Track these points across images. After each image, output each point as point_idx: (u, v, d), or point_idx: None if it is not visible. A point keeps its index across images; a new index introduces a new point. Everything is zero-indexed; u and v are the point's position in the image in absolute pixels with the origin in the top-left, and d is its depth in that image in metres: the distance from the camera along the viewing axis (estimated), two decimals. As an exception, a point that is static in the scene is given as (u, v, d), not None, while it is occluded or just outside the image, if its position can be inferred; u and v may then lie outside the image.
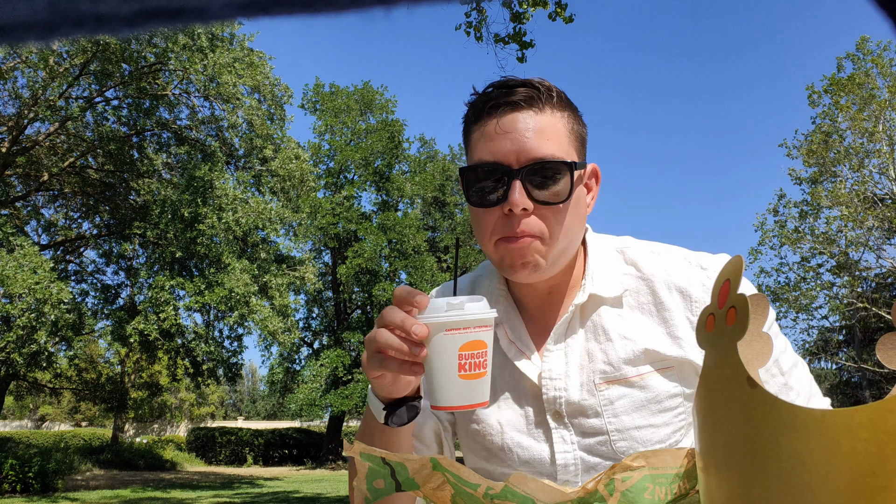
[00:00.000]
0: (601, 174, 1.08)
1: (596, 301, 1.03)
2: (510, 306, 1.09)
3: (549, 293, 1.06)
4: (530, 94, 0.96)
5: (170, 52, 12.94)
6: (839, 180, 18.52)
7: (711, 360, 0.52)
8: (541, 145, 0.94)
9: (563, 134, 0.97)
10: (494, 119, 0.96)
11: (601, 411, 0.98)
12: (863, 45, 18.50)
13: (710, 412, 0.51)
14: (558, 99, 0.99)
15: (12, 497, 12.72)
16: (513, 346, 1.05)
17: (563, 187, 0.95)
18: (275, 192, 15.87)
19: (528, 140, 0.94)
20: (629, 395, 0.98)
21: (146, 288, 14.99)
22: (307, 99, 24.53)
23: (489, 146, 0.96)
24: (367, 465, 0.63)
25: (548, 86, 0.99)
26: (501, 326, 1.06)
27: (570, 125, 0.99)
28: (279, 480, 17.99)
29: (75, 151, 14.92)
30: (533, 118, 0.96)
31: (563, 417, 1.00)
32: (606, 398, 0.98)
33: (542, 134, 0.95)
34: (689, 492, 0.62)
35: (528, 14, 7.14)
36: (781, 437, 0.43)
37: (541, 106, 0.96)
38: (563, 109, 0.99)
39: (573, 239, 1.00)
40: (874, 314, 18.51)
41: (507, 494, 0.61)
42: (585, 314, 1.04)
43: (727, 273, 0.53)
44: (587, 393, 0.99)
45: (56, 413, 37.16)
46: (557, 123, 0.97)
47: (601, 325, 1.02)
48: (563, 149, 0.96)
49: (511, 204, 0.93)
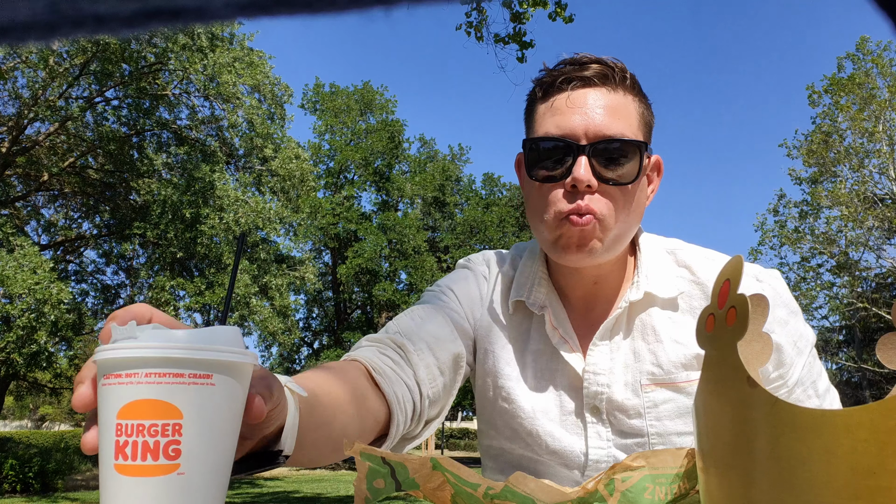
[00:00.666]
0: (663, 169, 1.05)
1: (649, 300, 0.99)
2: (552, 293, 1.04)
3: (595, 283, 1.02)
4: (604, 71, 0.94)
5: (170, 52, 12.94)
6: (839, 180, 18.52)
7: (711, 360, 0.52)
8: (611, 123, 0.91)
9: (633, 116, 0.95)
10: (565, 93, 0.94)
11: (644, 413, 0.95)
12: (863, 45, 18.51)
13: (710, 412, 0.51)
14: (631, 82, 0.96)
15: (12, 497, 12.72)
16: (556, 332, 1.00)
17: (630, 168, 0.92)
18: (275, 191, 15.86)
19: (598, 116, 0.91)
20: (675, 401, 0.95)
21: (146, 288, 15.00)
22: (307, 99, 24.54)
23: (557, 119, 0.93)
24: (367, 465, 0.63)
25: (622, 67, 0.96)
26: (546, 311, 1.01)
27: (640, 109, 0.97)
28: (279, 480, 18.00)
29: (75, 151, 14.92)
30: (605, 96, 0.93)
31: (602, 414, 0.97)
32: (651, 400, 0.95)
33: (613, 112, 0.92)
34: (689, 492, 0.62)
35: (528, 14, 7.14)
36: (781, 437, 0.43)
37: (613, 85, 0.94)
38: (634, 93, 0.96)
39: (631, 226, 0.97)
40: (874, 314, 18.51)
41: (507, 494, 0.61)
42: (635, 312, 1.00)
43: (727, 273, 0.53)
44: (631, 393, 0.96)
45: (56, 413, 37.16)
46: (629, 105, 0.95)
47: (651, 325, 0.99)
48: (632, 130, 0.94)
49: (575, 179, 0.89)
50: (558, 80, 0.94)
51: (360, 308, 24.17)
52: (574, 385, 0.99)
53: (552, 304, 1.02)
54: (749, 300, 0.48)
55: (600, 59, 0.96)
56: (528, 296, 1.03)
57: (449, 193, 24.51)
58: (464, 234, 23.20)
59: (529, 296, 1.03)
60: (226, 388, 0.51)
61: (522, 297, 1.03)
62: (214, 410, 0.50)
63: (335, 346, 22.26)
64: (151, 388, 0.47)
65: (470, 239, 23.04)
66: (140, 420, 0.47)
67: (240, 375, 0.52)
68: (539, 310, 1.01)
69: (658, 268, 1.01)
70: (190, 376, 0.48)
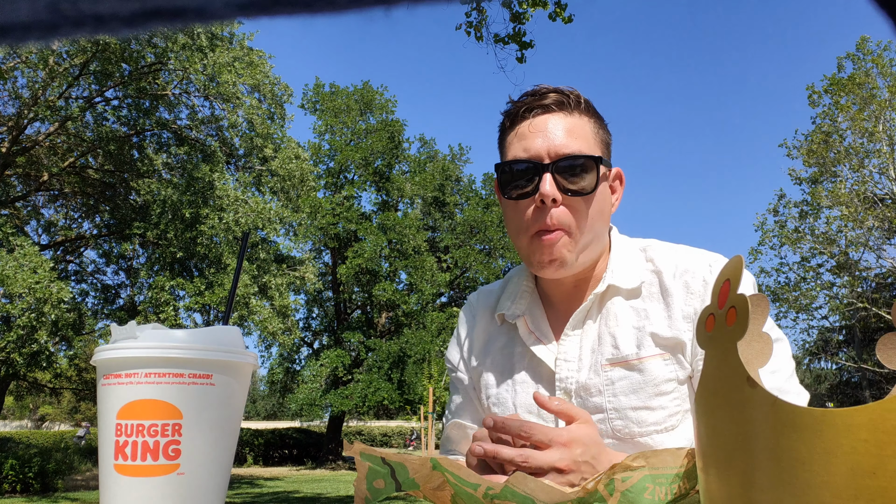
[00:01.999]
0: (625, 178, 1.17)
1: (613, 291, 1.11)
2: (535, 300, 1.17)
3: (574, 286, 1.14)
4: (560, 99, 1.07)
5: (169, 52, 12.93)
6: (839, 180, 18.52)
7: (711, 360, 0.52)
8: (569, 143, 1.03)
9: (589, 135, 1.07)
10: (528, 121, 1.07)
11: (603, 390, 1.05)
12: (863, 45, 18.51)
13: (710, 412, 0.51)
14: (585, 106, 1.09)
15: (12, 497, 12.72)
16: (532, 335, 1.14)
17: (589, 180, 1.03)
18: (275, 191, 15.86)
19: (557, 137, 1.03)
20: (629, 378, 1.04)
21: (146, 288, 14.99)
22: (307, 99, 24.53)
23: (523, 144, 1.05)
24: (367, 466, 0.63)
25: (576, 94, 1.09)
26: (522, 318, 1.15)
27: (595, 129, 1.09)
28: (279, 480, 17.98)
29: (75, 151, 14.92)
30: (562, 120, 1.06)
31: (571, 396, 1.07)
32: (609, 378, 1.05)
33: (571, 133, 1.05)
34: (689, 492, 0.62)
35: (528, 14, 7.14)
36: (781, 437, 0.43)
37: (569, 110, 1.07)
38: (589, 115, 1.09)
39: (598, 234, 1.08)
40: (874, 314, 18.51)
41: (507, 494, 0.61)
42: (602, 302, 1.11)
43: (727, 273, 0.53)
44: (593, 373, 1.07)
45: (56, 413, 37.16)
46: (584, 126, 1.07)
47: (614, 311, 1.10)
48: (589, 147, 1.05)
49: (542, 194, 1.01)
50: (521, 110, 1.07)
51: (360, 308, 24.16)
52: (549, 377, 1.11)
53: (531, 311, 1.16)
54: (749, 300, 0.48)
55: (557, 88, 1.09)
56: (508, 308, 1.18)
57: (449, 193, 24.51)
58: (464, 234, 23.19)
59: (510, 308, 1.17)
60: (226, 388, 0.50)
61: (503, 311, 1.18)
62: (214, 410, 0.49)
63: (335, 346, 22.25)
64: (151, 388, 0.47)
65: (470, 239, 23.03)
66: (140, 420, 0.47)
67: (239, 375, 0.52)
68: (513, 319, 1.15)
69: (625, 263, 1.12)
70: (190, 376, 0.48)
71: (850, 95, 18.12)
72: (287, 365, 23.32)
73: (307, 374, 21.51)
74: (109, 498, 0.48)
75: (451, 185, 24.91)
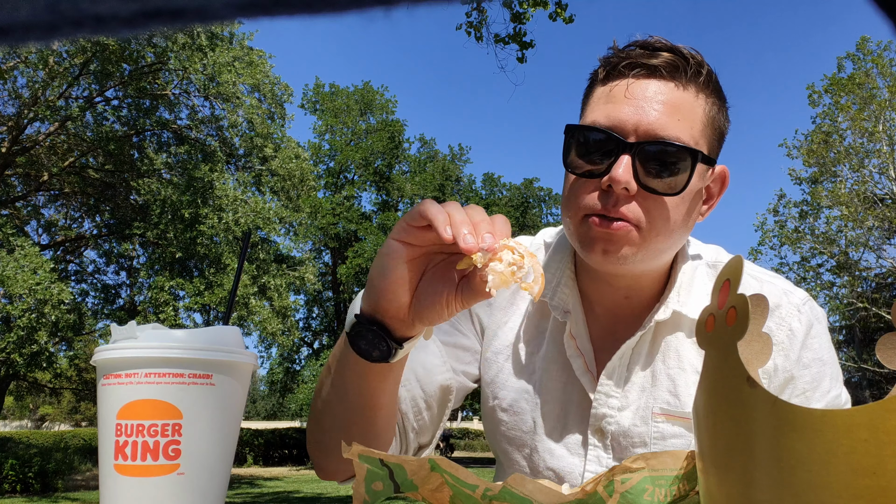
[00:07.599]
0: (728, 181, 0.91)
1: (677, 321, 0.89)
2: (576, 297, 0.92)
3: (626, 297, 0.90)
4: (674, 62, 0.82)
5: (169, 52, 12.94)
6: (839, 180, 18.52)
7: (711, 360, 0.52)
8: (667, 123, 0.79)
9: (698, 119, 0.82)
10: (626, 79, 0.82)
11: (649, 443, 0.87)
12: (863, 45, 18.51)
13: (710, 412, 0.51)
14: (706, 80, 0.83)
15: (12, 497, 12.72)
16: (573, 342, 0.90)
17: (679, 179, 0.80)
18: (275, 191, 15.87)
19: (654, 112, 0.80)
20: (686, 437, 0.86)
21: (146, 288, 15.00)
22: (307, 99, 24.55)
23: (608, 109, 0.82)
24: (366, 468, 0.63)
25: (699, 60, 0.83)
26: (569, 317, 0.91)
27: (710, 112, 0.84)
28: (279, 480, 17.99)
29: (75, 151, 14.92)
30: (669, 91, 0.81)
31: (607, 438, 0.89)
32: (659, 432, 0.87)
33: (674, 111, 0.80)
34: (688, 493, 0.62)
35: (528, 14, 7.14)
36: (781, 437, 0.43)
37: (683, 81, 0.82)
38: (707, 93, 0.84)
39: (675, 243, 0.85)
40: (874, 314, 18.50)
41: (506, 495, 0.61)
42: (661, 333, 0.89)
43: (727, 273, 0.53)
44: (640, 420, 0.88)
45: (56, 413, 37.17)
46: (696, 106, 0.82)
47: (676, 349, 0.88)
48: (692, 135, 0.81)
49: (612, 179, 0.78)
50: (622, 64, 0.82)
51: (360, 308, 24.15)
52: (582, 402, 0.91)
53: (576, 312, 0.91)
54: (749, 300, 0.48)
55: (675, 47, 0.83)
56: (552, 296, 0.92)
57: (449, 193, 24.51)
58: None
59: (554, 296, 0.92)
60: (225, 388, 0.50)
61: (545, 297, 0.92)
62: (214, 410, 0.49)
63: (335, 346, 22.26)
64: (151, 388, 0.47)
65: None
66: (140, 420, 0.46)
67: (239, 375, 0.51)
68: (562, 315, 0.91)
69: (694, 285, 0.89)
70: (190, 376, 0.48)
71: (850, 95, 18.12)
72: (287, 365, 23.32)
73: (307, 374, 21.52)
74: (109, 498, 0.48)
75: (452, 185, 24.91)
